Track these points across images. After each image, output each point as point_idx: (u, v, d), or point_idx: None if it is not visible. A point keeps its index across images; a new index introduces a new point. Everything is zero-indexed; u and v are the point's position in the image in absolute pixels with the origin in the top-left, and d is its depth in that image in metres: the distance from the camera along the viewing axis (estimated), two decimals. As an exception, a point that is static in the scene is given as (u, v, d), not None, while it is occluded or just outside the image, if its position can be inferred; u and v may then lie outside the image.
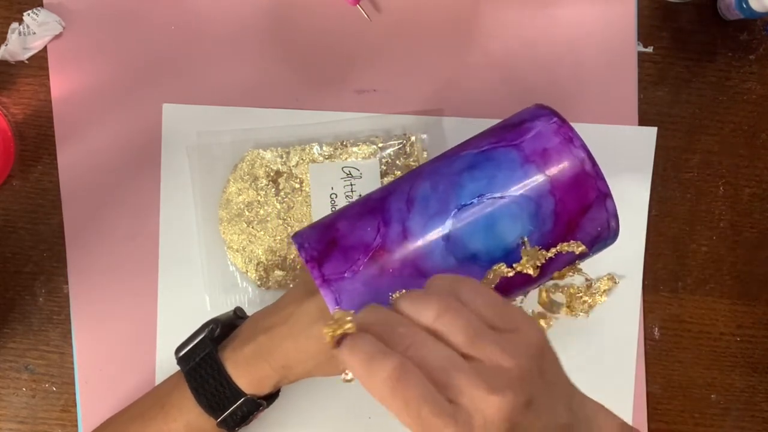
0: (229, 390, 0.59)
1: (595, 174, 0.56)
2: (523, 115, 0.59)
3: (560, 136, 0.56)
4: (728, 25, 0.75)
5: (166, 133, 0.72)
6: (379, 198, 0.58)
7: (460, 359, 0.42)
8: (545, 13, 0.74)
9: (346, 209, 0.59)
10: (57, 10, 0.71)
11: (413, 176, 0.58)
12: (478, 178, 0.55)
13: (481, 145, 0.57)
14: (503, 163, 0.55)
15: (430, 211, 0.55)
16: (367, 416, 0.73)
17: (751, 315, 0.76)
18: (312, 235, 0.57)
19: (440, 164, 0.58)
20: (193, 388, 0.60)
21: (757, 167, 0.76)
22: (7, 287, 0.73)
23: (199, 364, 0.60)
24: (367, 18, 0.73)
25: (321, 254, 0.55)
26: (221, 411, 0.60)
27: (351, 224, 0.56)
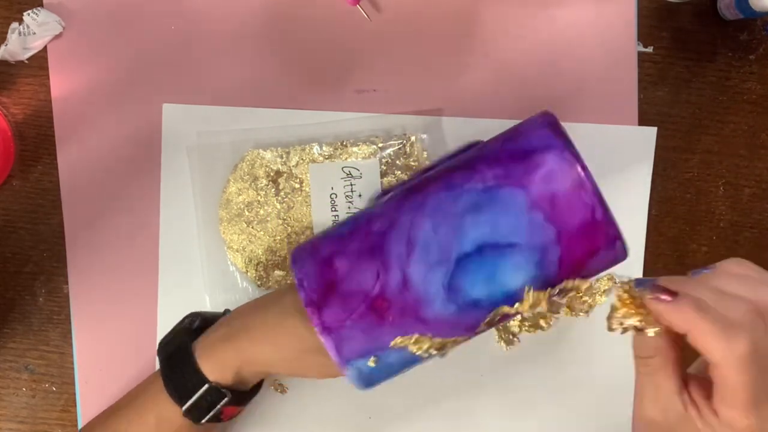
0: (195, 377, 0.59)
1: (605, 220, 0.53)
2: (532, 137, 0.55)
3: (571, 179, 0.52)
4: (728, 25, 0.75)
5: (166, 133, 0.72)
6: (378, 232, 0.55)
7: None
8: (545, 13, 0.74)
9: (346, 238, 0.56)
10: (57, 10, 0.71)
11: (415, 206, 0.55)
12: (481, 224, 0.52)
13: (487, 178, 0.54)
14: (509, 208, 0.52)
15: (430, 259, 0.53)
16: (367, 416, 0.73)
17: (751, 315, 0.76)
18: (311, 270, 0.56)
19: (443, 196, 0.54)
20: (165, 376, 0.60)
21: (757, 167, 0.76)
22: (7, 287, 0.73)
23: (174, 352, 0.61)
24: (367, 18, 0.73)
25: (320, 298, 0.54)
26: (186, 398, 0.59)
27: (350, 265, 0.55)
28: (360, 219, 0.57)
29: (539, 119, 0.57)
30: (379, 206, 0.57)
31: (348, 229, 0.57)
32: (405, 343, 0.54)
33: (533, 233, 0.52)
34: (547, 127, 0.55)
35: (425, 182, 0.56)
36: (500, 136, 0.58)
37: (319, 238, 0.58)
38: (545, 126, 0.55)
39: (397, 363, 0.56)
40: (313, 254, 0.56)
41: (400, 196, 0.57)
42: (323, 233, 0.59)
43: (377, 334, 0.54)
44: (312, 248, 0.57)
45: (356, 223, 0.57)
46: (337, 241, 0.56)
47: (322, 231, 0.60)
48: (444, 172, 0.56)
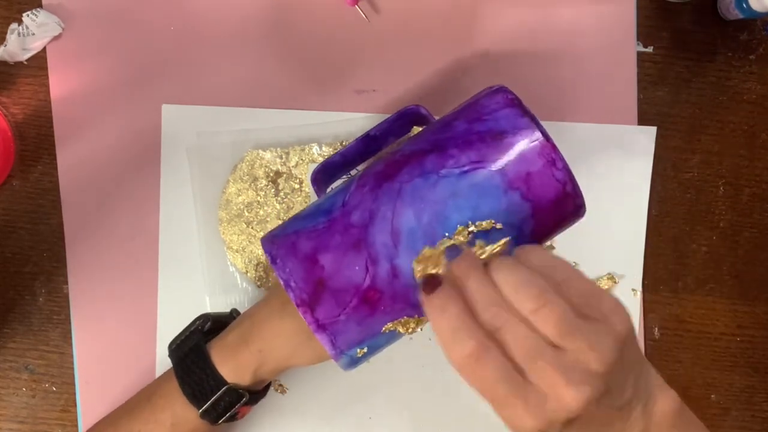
0: (213, 378, 0.60)
1: (574, 192, 0.55)
2: (500, 118, 0.56)
3: (544, 158, 0.54)
4: (728, 25, 0.75)
5: (166, 133, 0.72)
6: (360, 225, 0.55)
7: (547, 347, 0.44)
8: (545, 12, 0.74)
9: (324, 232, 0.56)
10: (56, 11, 0.71)
11: (392, 194, 0.55)
12: (462, 208, 0.54)
13: (462, 163, 0.55)
14: (487, 191, 0.54)
15: (417, 247, 0.53)
16: (367, 416, 0.73)
17: (751, 315, 0.76)
18: (296, 269, 0.55)
19: (419, 183, 0.55)
20: (180, 377, 0.60)
21: (757, 167, 0.76)
22: (7, 287, 0.73)
23: (187, 354, 0.61)
24: (366, 19, 0.73)
25: (311, 298, 0.55)
26: (204, 400, 0.60)
27: (337, 260, 0.55)
28: (333, 209, 0.57)
29: (500, 97, 0.58)
30: (350, 193, 0.57)
31: (324, 221, 0.56)
32: (395, 327, 0.56)
33: (511, 212, 0.54)
34: (511, 105, 0.57)
35: (396, 166, 0.56)
36: (463, 114, 0.58)
37: (294, 232, 0.57)
38: (509, 104, 0.57)
39: (384, 343, 0.58)
40: (294, 252, 0.56)
41: (372, 182, 0.56)
42: (294, 225, 0.58)
43: (370, 323, 0.55)
44: (290, 245, 0.56)
45: (331, 215, 0.57)
46: (316, 236, 0.56)
47: (291, 220, 0.59)
48: (414, 156, 0.56)
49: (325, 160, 0.64)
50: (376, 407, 0.74)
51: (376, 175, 0.57)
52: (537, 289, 0.44)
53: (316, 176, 0.64)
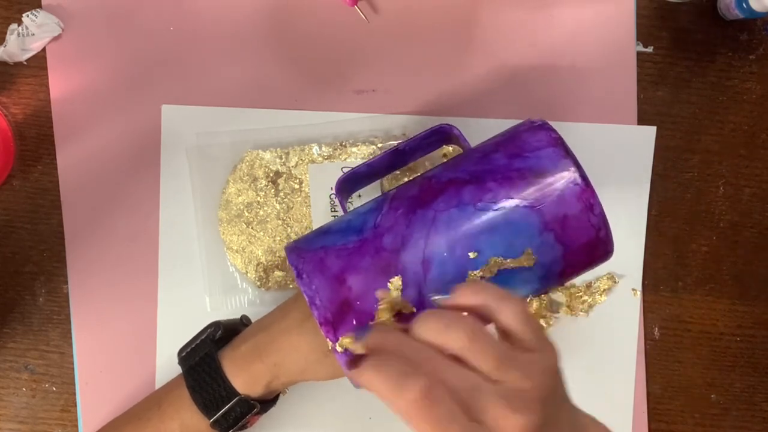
0: (224, 389, 0.60)
1: (606, 238, 0.55)
2: (542, 156, 0.56)
3: (582, 202, 0.54)
4: (728, 25, 0.75)
5: (166, 134, 0.72)
6: (392, 249, 0.54)
7: (484, 382, 0.43)
8: (545, 13, 0.74)
9: (355, 253, 0.55)
10: (56, 12, 0.71)
11: (426, 222, 0.55)
12: (496, 245, 0.54)
13: (499, 197, 0.54)
14: (523, 229, 0.54)
15: (446, 278, 0.53)
16: (367, 416, 0.73)
17: (751, 315, 0.76)
18: (323, 287, 0.55)
19: (455, 214, 0.54)
20: (190, 386, 0.60)
21: (757, 167, 0.76)
22: (7, 287, 0.73)
23: (198, 363, 0.61)
24: (365, 19, 0.73)
25: (335, 317, 0.54)
26: (215, 410, 0.60)
27: (365, 283, 0.54)
28: (364, 229, 0.56)
29: (543, 134, 0.57)
30: (383, 214, 0.56)
31: (354, 241, 0.56)
32: None
33: (544, 252, 0.54)
34: (554, 145, 0.56)
35: (431, 194, 0.56)
36: (502, 146, 0.58)
37: (323, 247, 0.56)
38: (552, 144, 0.56)
39: None
40: (321, 269, 0.55)
41: (405, 207, 0.56)
42: (322, 239, 0.57)
43: None
44: (318, 262, 0.56)
45: (362, 235, 0.56)
46: (345, 255, 0.55)
47: (318, 233, 0.59)
48: (450, 185, 0.56)
49: (351, 170, 0.63)
50: (376, 407, 0.74)
51: (411, 200, 0.56)
52: (464, 325, 0.44)
53: (341, 185, 0.63)
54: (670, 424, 0.75)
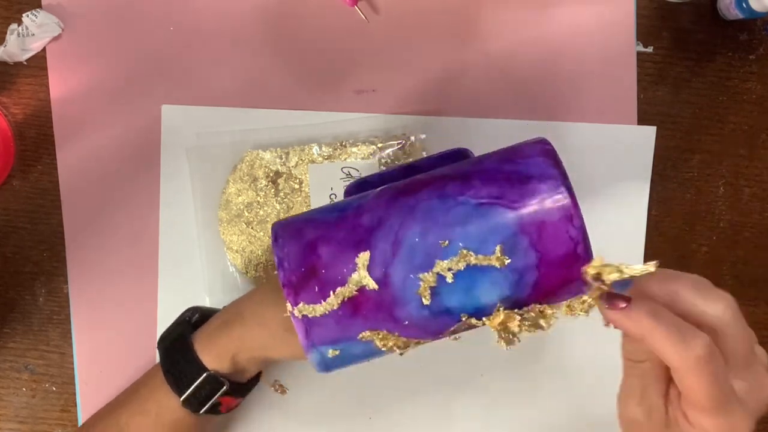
0: (194, 366, 0.60)
1: (585, 256, 0.54)
2: (531, 164, 0.56)
3: (562, 211, 0.54)
4: (728, 25, 0.75)
5: (166, 134, 0.72)
6: (367, 227, 0.55)
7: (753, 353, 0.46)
8: (545, 13, 0.74)
9: (332, 226, 0.56)
10: (56, 12, 0.71)
11: (406, 208, 0.55)
12: (469, 238, 0.53)
13: (481, 195, 0.54)
14: (498, 228, 0.53)
15: (414, 263, 0.54)
16: (367, 416, 0.73)
17: (751, 315, 0.76)
18: (293, 252, 0.56)
19: (435, 204, 0.55)
20: (164, 367, 0.61)
21: (757, 167, 0.76)
22: (7, 287, 0.73)
23: (173, 344, 0.62)
24: (365, 19, 0.73)
25: (299, 281, 0.55)
26: (185, 388, 0.60)
27: (334, 253, 0.55)
28: (347, 209, 0.57)
29: (538, 146, 0.57)
30: (368, 199, 0.57)
31: (335, 216, 0.57)
32: (372, 338, 0.55)
33: (517, 256, 0.53)
34: (545, 155, 0.56)
35: (417, 185, 0.57)
36: (498, 154, 0.58)
37: (304, 220, 0.58)
38: (544, 154, 0.56)
39: (360, 354, 0.57)
40: (297, 237, 0.57)
41: (390, 194, 0.57)
42: (307, 215, 0.59)
43: (348, 324, 0.55)
44: (296, 230, 0.57)
45: (344, 213, 0.57)
46: (323, 227, 0.57)
47: (306, 212, 0.60)
48: (437, 179, 0.57)
49: (363, 178, 0.63)
50: (376, 407, 0.74)
51: (396, 189, 0.57)
52: (726, 299, 0.47)
53: (351, 190, 0.63)
54: (670, 424, 0.75)
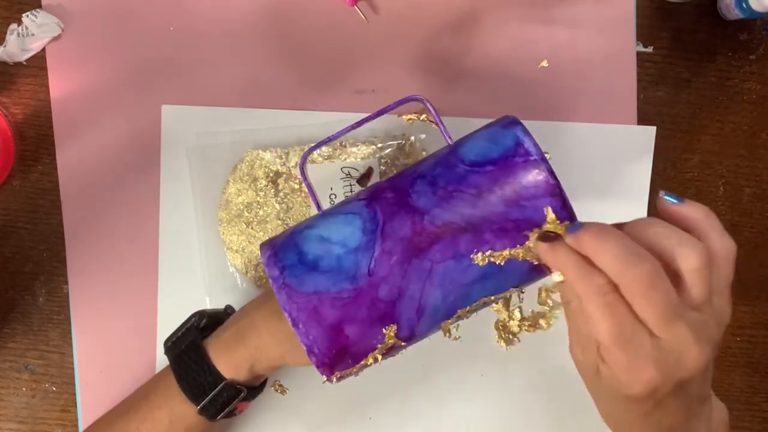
0: (210, 375, 0.60)
1: None
2: (539, 209, 0.54)
3: None
4: (728, 25, 0.75)
5: (166, 134, 0.72)
6: (388, 301, 0.55)
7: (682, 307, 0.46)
8: (545, 13, 0.74)
9: (350, 303, 0.55)
10: (56, 12, 0.71)
11: (423, 274, 0.55)
12: (487, 289, 0.56)
13: (495, 250, 0.55)
14: (514, 274, 0.56)
15: (437, 318, 0.56)
16: (367, 416, 0.73)
17: (751, 315, 0.76)
18: (320, 337, 0.55)
19: (451, 266, 0.55)
20: (177, 374, 0.61)
21: (757, 167, 0.76)
22: (7, 287, 0.73)
23: (184, 351, 0.62)
24: (365, 19, 0.73)
25: (332, 361, 0.56)
26: (202, 396, 0.60)
27: (360, 332, 0.55)
28: (358, 277, 0.55)
29: (542, 182, 0.54)
30: (374, 260, 0.56)
31: (350, 290, 0.55)
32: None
33: (526, 282, 0.57)
34: (552, 195, 0.54)
35: (424, 239, 0.55)
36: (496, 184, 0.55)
37: (315, 292, 0.55)
38: (550, 194, 0.54)
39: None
40: (317, 319, 0.55)
41: (400, 255, 0.55)
42: (312, 280, 0.55)
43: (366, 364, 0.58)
44: (313, 310, 0.55)
45: (356, 283, 0.55)
46: (341, 305, 0.55)
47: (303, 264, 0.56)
48: (446, 232, 0.55)
49: (312, 147, 0.62)
50: (376, 407, 0.74)
51: (405, 245, 0.55)
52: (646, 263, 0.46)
53: (306, 163, 0.62)
54: (670, 424, 0.75)
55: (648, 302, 0.45)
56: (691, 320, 0.46)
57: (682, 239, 0.47)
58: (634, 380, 0.46)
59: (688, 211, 0.50)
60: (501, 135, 0.56)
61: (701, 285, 0.47)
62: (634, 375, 0.46)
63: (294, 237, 0.58)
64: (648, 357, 0.45)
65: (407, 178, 0.57)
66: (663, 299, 0.45)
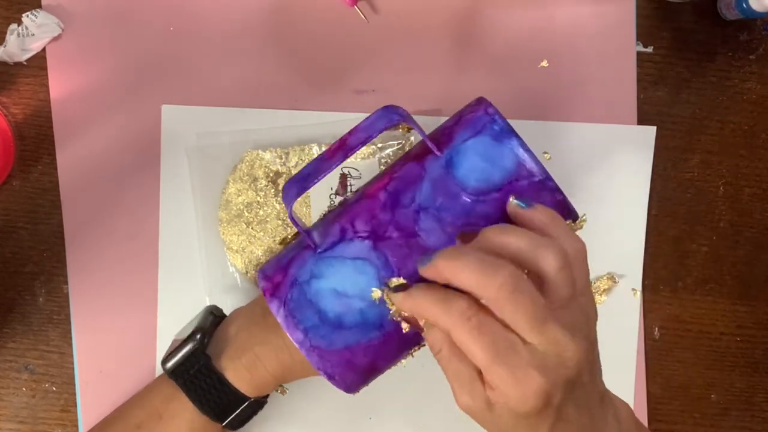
0: (234, 396, 0.61)
1: None
2: None
3: None
4: (728, 25, 0.75)
5: (166, 134, 0.72)
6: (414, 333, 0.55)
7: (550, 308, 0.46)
8: (545, 13, 0.74)
9: (380, 347, 0.56)
10: (56, 12, 0.71)
11: None
12: None
13: None
14: None
15: None
16: (367, 416, 0.73)
17: (751, 315, 0.76)
18: (355, 381, 0.57)
19: None
20: (196, 399, 0.61)
21: (757, 167, 0.76)
22: (7, 287, 0.73)
23: (196, 376, 0.61)
24: (365, 19, 0.73)
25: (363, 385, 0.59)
26: (227, 415, 0.61)
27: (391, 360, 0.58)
28: (384, 324, 0.55)
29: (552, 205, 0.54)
30: None
31: (378, 336, 0.55)
32: None
33: None
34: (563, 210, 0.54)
35: None
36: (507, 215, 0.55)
37: (345, 347, 0.55)
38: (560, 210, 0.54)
39: None
40: (352, 367, 0.56)
41: None
42: (339, 336, 0.55)
43: None
44: (347, 363, 0.56)
45: (385, 329, 0.55)
46: (372, 350, 0.56)
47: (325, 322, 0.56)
48: None
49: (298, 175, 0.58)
50: (377, 407, 0.74)
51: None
52: (503, 274, 0.45)
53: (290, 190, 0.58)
54: (670, 424, 0.75)
55: (516, 308, 0.44)
56: (562, 318, 0.45)
57: (539, 242, 0.47)
58: (524, 394, 0.45)
59: (534, 216, 0.50)
60: (497, 152, 0.54)
61: (566, 283, 0.46)
62: (521, 388, 0.45)
63: (303, 290, 0.56)
64: (529, 365, 0.45)
65: (407, 210, 0.55)
66: (530, 302, 0.44)
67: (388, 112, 0.56)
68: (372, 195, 0.57)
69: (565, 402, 0.46)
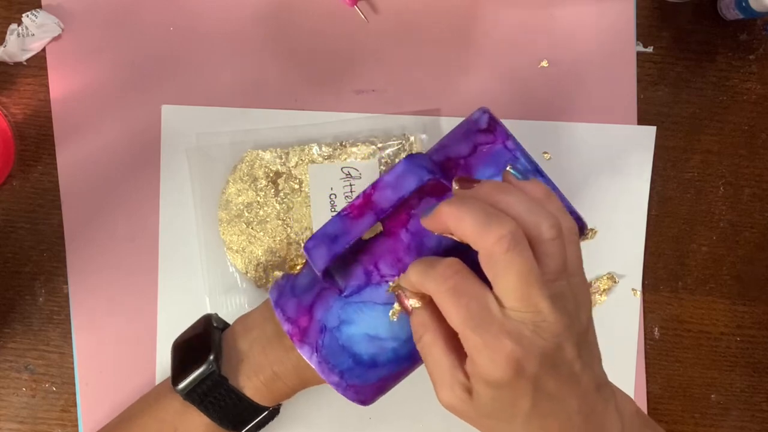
0: (253, 409, 0.60)
1: None
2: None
3: None
4: (728, 25, 0.75)
5: (165, 134, 0.72)
6: None
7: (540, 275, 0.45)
8: (545, 12, 0.74)
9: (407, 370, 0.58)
10: (56, 12, 0.71)
11: None
12: None
13: None
14: None
15: None
16: (367, 416, 0.73)
17: (751, 315, 0.76)
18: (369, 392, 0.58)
19: None
20: (215, 417, 0.59)
21: (757, 167, 0.76)
22: (7, 287, 0.73)
23: (216, 397, 0.59)
24: (365, 19, 0.73)
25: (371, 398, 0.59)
26: (246, 425, 0.61)
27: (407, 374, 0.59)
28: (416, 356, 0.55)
29: None
30: None
31: (408, 365, 0.58)
32: None
33: None
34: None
35: None
36: None
37: (378, 380, 0.57)
38: None
39: None
40: (384, 391, 0.59)
41: None
42: (372, 372, 0.56)
43: None
44: (379, 389, 0.58)
45: (415, 358, 0.56)
46: (403, 375, 0.59)
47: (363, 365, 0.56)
48: None
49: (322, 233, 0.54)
50: (377, 407, 0.73)
51: None
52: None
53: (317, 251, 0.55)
54: (670, 424, 0.75)
55: (507, 267, 0.43)
56: (548, 289, 0.44)
57: (538, 209, 0.46)
58: (493, 359, 0.43)
59: (531, 189, 0.48)
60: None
61: (559, 254, 0.45)
62: (490, 353, 0.43)
63: (335, 336, 0.55)
64: (501, 330, 0.43)
65: (433, 253, 0.53)
66: (522, 263, 0.43)
67: (413, 166, 0.53)
68: (393, 234, 0.54)
69: (543, 376, 0.45)
